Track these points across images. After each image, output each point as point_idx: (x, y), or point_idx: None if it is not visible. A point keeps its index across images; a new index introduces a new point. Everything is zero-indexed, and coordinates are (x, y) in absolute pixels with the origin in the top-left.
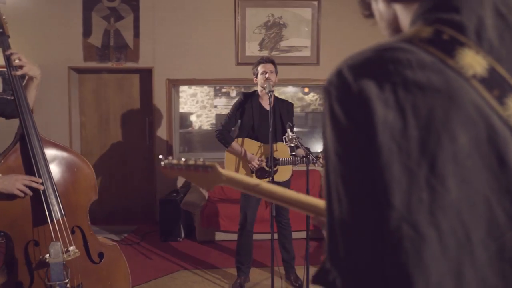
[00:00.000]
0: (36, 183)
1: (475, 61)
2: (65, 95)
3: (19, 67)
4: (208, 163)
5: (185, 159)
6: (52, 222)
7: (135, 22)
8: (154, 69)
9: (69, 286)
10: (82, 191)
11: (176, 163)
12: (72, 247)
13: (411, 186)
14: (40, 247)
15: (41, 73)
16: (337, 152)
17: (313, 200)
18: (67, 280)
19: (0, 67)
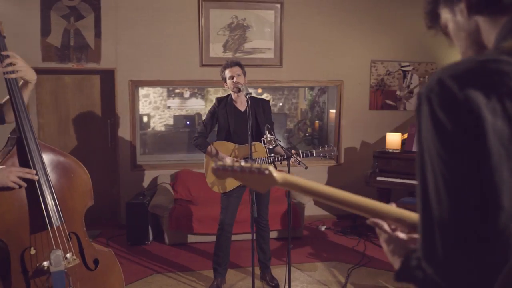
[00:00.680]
0: (30, 174)
1: None
2: None
3: (12, 71)
4: (264, 166)
5: (238, 161)
6: (52, 228)
7: (96, 21)
8: (116, 70)
9: None
10: (78, 197)
11: (230, 165)
12: (69, 254)
13: None
14: (37, 255)
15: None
16: (440, 155)
17: (370, 201)
18: None
19: None
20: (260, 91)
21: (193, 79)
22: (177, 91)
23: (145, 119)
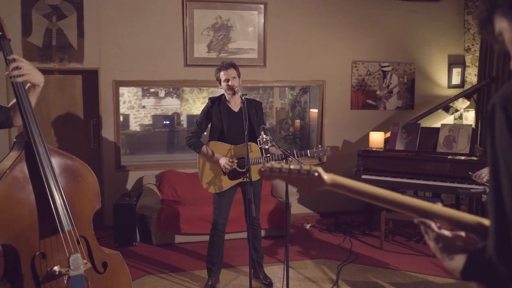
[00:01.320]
0: None
1: None
2: (3, 97)
3: (18, 75)
4: (314, 168)
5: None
6: (63, 233)
7: (78, 21)
8: (100, 70)
9: None
10: (86, 200)
11: (277, 166)
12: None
13: None
14: (46, 260)
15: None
16: None
17: (418, 201)
18: None
19: None
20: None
21: (177, 79)
22: (152, 90)
23: (121, 119)
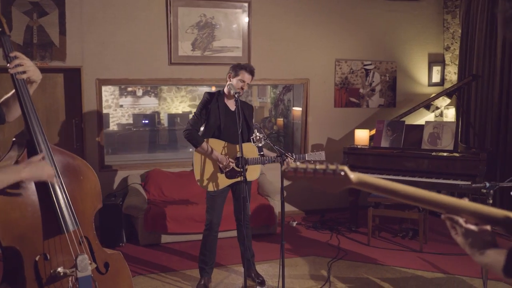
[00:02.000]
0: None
1: None
2: None
3: (22, 71)
4: (340, 167)
5: (311, 162)
6: (68, 233)
7: (60, 18)
8: (82, 69)
9: None
10: (88, 200)
11: (302, 167)
12: None
13: None
14: (50, 261)
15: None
16: None
17: (445, 197)
18: None
19: None
20: (213, 88)
21: (162, 78)
22: (129, 89)
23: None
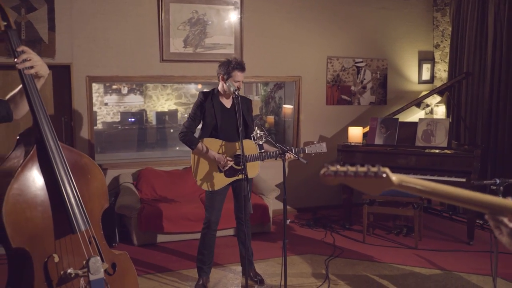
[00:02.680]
0: None
1: None
2: None
3: (30, 66)
4: (382, 169)
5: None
6: (80, 232)
7: (49, 14)
8: (72, 66)
9: None
10: (96, 199)
11: (343, 170)
12: None
13: None
14: (61, 262)
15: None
16: None
17: (488, 197)
18: None
19: None
20: (200, 86)
21: (153, 75)
22: (114, 87)
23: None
